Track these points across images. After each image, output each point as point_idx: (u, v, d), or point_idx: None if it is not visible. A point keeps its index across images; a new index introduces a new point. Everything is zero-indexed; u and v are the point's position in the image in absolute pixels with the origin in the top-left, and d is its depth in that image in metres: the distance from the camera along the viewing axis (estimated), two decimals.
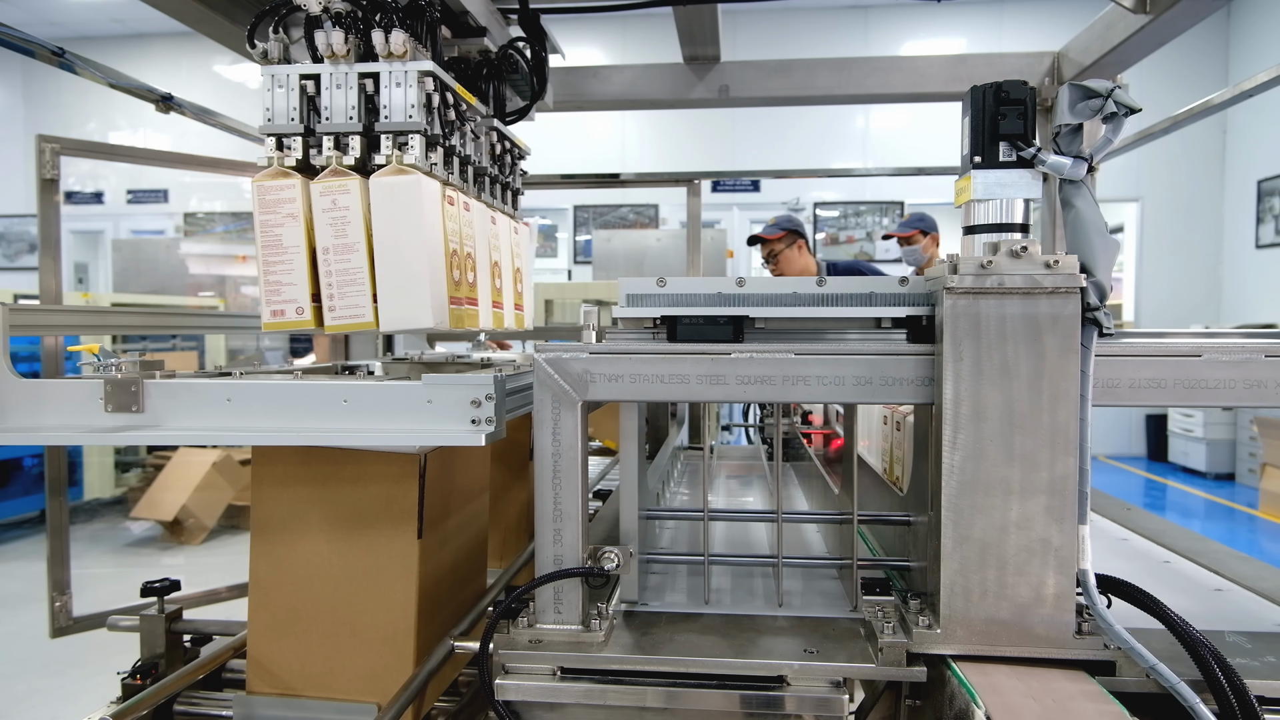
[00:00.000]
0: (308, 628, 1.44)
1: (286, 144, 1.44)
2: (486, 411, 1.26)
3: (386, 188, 1.39)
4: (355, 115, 1.41)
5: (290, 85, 1.41)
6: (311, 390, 1.30)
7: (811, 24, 10.20)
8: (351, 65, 1.41)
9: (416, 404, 1.28)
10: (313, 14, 1.40)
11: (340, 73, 1.40)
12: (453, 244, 1.51)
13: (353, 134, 1.41)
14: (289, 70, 1.41)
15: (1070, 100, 1.21)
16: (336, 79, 1.41)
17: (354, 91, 1.40)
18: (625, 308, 1.29)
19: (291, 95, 1.42)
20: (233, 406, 1.30)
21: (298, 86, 1.42)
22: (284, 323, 1.43)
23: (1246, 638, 1.24)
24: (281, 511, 1.44)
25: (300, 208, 1.41)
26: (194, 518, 6.10)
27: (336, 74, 1.41)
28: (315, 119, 1.43)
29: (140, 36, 11.08)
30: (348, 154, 1.41)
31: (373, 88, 1.41)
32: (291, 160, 1.43)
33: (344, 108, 1.41)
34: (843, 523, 1.45)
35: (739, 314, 1.25)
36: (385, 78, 1.40)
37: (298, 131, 1.42)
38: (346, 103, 1.41)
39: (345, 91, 1.40)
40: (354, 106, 1.41)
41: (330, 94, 1.41)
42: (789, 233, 4.23)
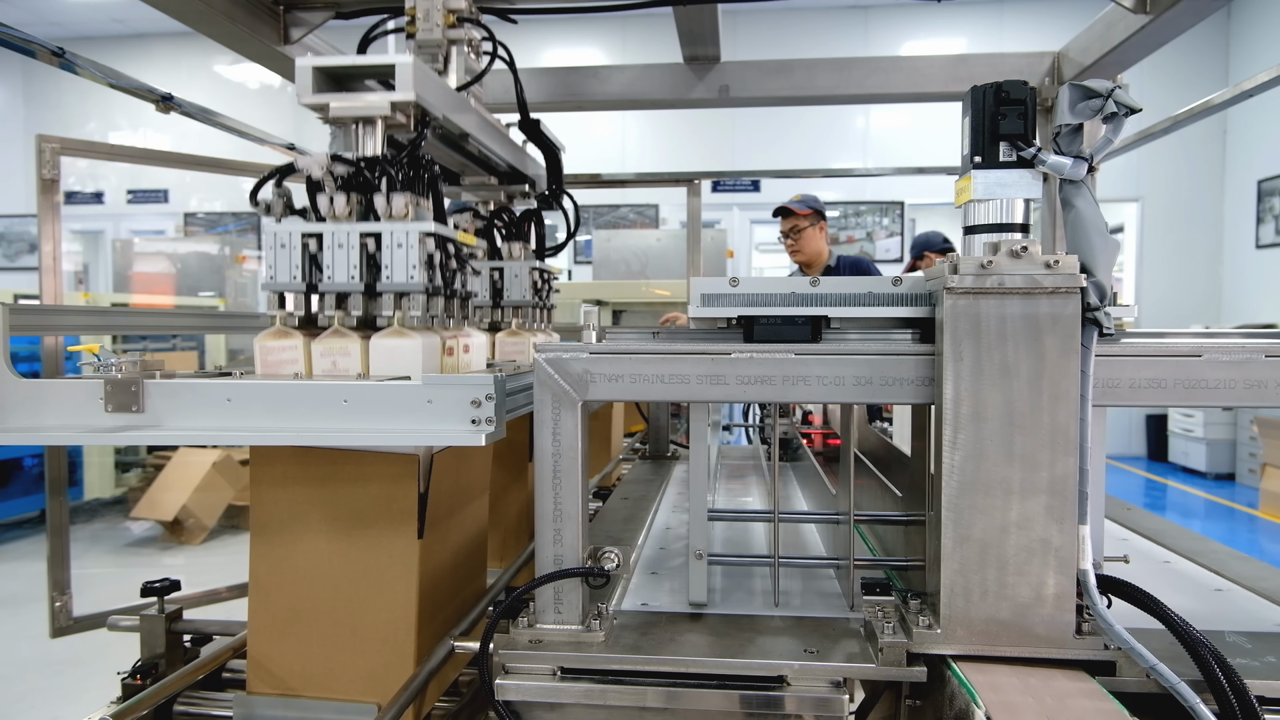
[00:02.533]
0: (308, 628, 1.44)
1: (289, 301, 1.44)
2: (486, 411, 1.26)
3: (387, 351, 1.41)
4: (357, 275, 1.40)
5: (292, 244, 1.41)
6: (311, 390, 1.30)
7: (811, 24, 10.19)
8: (354, 225, 1.40)
9: (417, 404, 1.28)
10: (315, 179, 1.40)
11: (342, 232, 1.40)
12: None
13: (355, 293, 1.41)
14: (290, 229, 1.41)
15: (1070, 100, 1.22)
16: (339, 238, 1.40)
17: (355, 251, 1.40)
18: (700, 308, 1.28)
19: (294, 254, 1.41)
20: (233, 406, 1.30)
21: (300, 245, 1.41)
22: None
23: (1246, 638, 1.24)
24: (281, 512, 1.44)
25: (302, 367, 1.43)
26: (194, 518, 6.10)
27: (339, 233, 1.40)
28: (317, 275, 1.42)
29: (140, 36, 11.08)
30: (350, 314, 1.41)
31: (374, 246, 1.40)
32: (294, 320, 1.43)
33: (345, 267, 1.40)
34: (840, 522, 1.45)
35: (818, 314, 1.25)
36: (387, 238, 1.39)
37: (299, 289, 1.42)
38: (348, 262, 1.40)
39: (347, 251, 1.40)
40: (355, 266, 1.40)
41: (332, 253, 1.40)
42: (814, 212, 4.22)
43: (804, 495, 2.31)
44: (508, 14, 2.47)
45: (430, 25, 1.79)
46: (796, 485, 2.45)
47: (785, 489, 2.43)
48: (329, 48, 2.81)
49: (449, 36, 1.82)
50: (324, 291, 1.41)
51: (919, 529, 1.29)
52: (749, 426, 3.62)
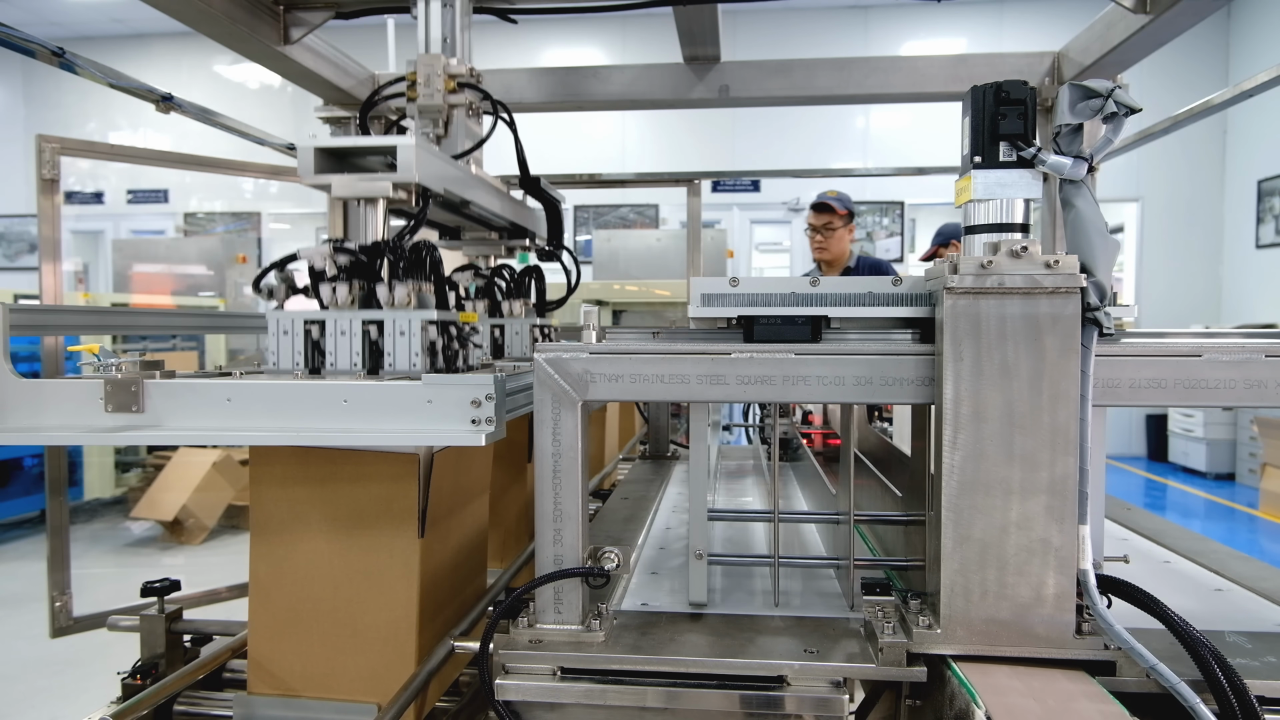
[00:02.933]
0: (308, 628, 1.44)
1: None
2: (487, 411, 1.26)
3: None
4: (360, 361, 1.42)
5: (295, 331, 1.42)
6: (312, 390, 1.30)
7: (811, 24, 10.20)
8: (356, 312, 1.42)
9: (417, 404, 1.28)
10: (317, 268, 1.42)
11: (345, 319, 1.42)
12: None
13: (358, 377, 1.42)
14: (294, 316, 1.43)
15: (1070, 100, 1.21)
16: (341, 325, 1.42)
17: (358, 338, 1.42)
18: (700, 307, 1.28)
19: (296, 340, 1.43)
20: (233, 406, 1.30)
21: (303, 332, 1.43)
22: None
23: (1246, 638, 1.24)
24: (281, 511, 1.44)
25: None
26: (194, 518, 6.10)
27: (341, 320, 1.42)
28: (319, 359, 1.44)
29: (140, 36, 11.08)
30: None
31: (377, 333, 1.42)
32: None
33: (349, 353, 1.42)
34: (840, 522, 1.45)
35: (818, 314, 1.25)
36: (389, 325, 1.41)
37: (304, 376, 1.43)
38: (351, 349, 1.42)
39: (350, 339, 1.42)
40: (358, 353, 1.42)
41: (335, 340, 1.42)
42: (849, 212, 4.22)
43: (804, 495, 2.31)
44: (508, 14, 2.47)
45: (431, 91, 1.82)
46: (796, 485, 2.45)
47: (785, 489, 2.43)
48: (329, 48, 2.81)
49: (450, 101, 1.84)
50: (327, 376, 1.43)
51: (919, 529, 1.29)
52: (749, 426, 3.62)
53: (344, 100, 3.10)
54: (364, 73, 3.12)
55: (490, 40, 10.46)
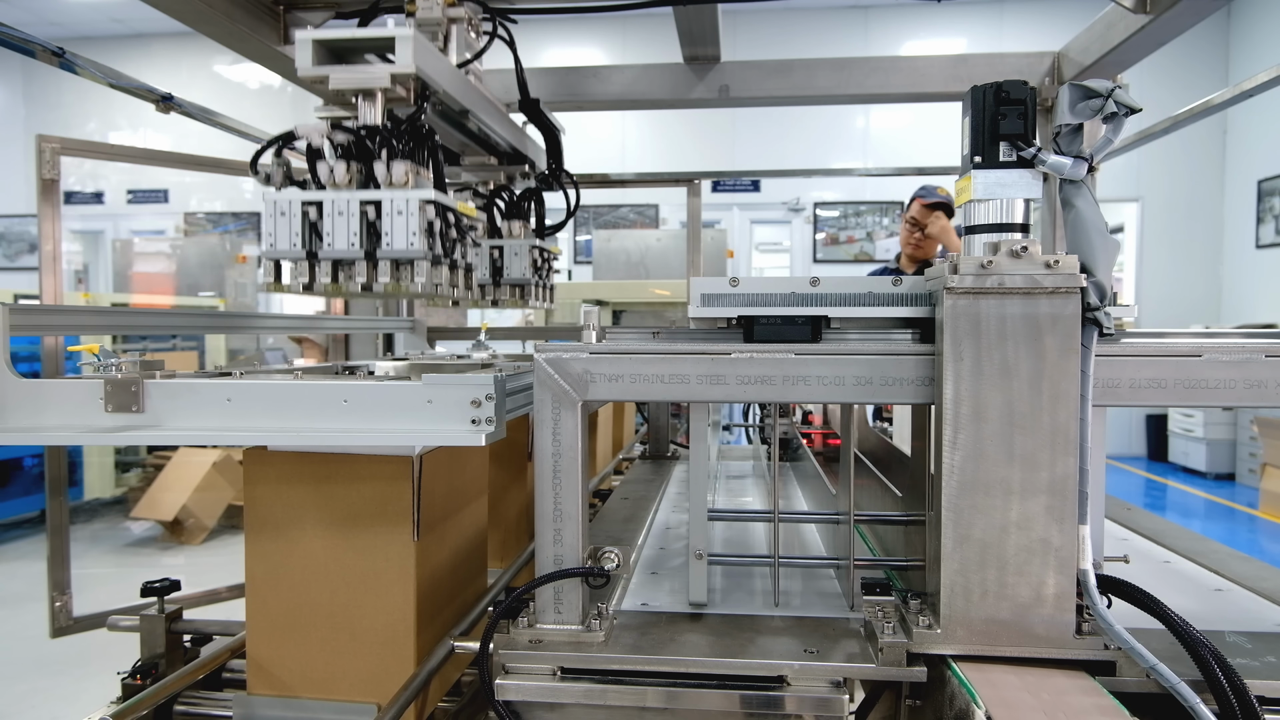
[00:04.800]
0: (306, 630, 1.44)
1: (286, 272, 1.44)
2: (487, 411, 1.26)
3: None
4: (358, 242, 1.40)
5: (292, 212, 1.40)
6: (311, 390, 1.30)
7: (811, 24, 10.20)
8: (353, 193, 1.40)
9: (417, 404, 1.28)
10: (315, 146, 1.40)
11: (342, 199, 1.39)
12: None
13: (356, 260, 1.40)
14: (290, 197, 1.40)
15: (1070, 100, 1.21)
16: (339, 206, 1.39)
17: (355, 219, 1.39)
18: (700, 307, 1.28)
19: (293, 221, 1.41)
20: (233, 406, 1.30)
21: (300, 213, 1.40)
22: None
23: (1246, 638, 1.24)
24: (276, 513, 1.44)
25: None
26: (194, 518, 6.10)
27: (338, 201, 1.39)
28: (317, 243, 1.42)
29: (140, 36, 11.09)
30: (351, 281, 1.41)
31: (374, 214, 1.40)
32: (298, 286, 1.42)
33: (346, 235, 1.40)
34: (840, 522, 1.45)
35: (818, 314, 1.25)
36: (387, 205, 1.39)
37: (300, 256, 1.41)
38: (348, 229, 1.40)
39: (347, 219, 1.39)
40: (356, 234, 1.40)
41: (332, 220, 1.40)
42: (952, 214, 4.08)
43: (804, 495, 2.30)
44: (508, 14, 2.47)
45: (430, 4, 1.78)
46: (796, 485, 2.45)
47: (785, 489, 2.43)
48: None
49: (449, 15, 1.80)
50: (323, 259, 1.41)
51: (919, 529, 1.29)
52: (749, 426, 3.62)
53: (344, 100, 3.09)
54: None
55: None
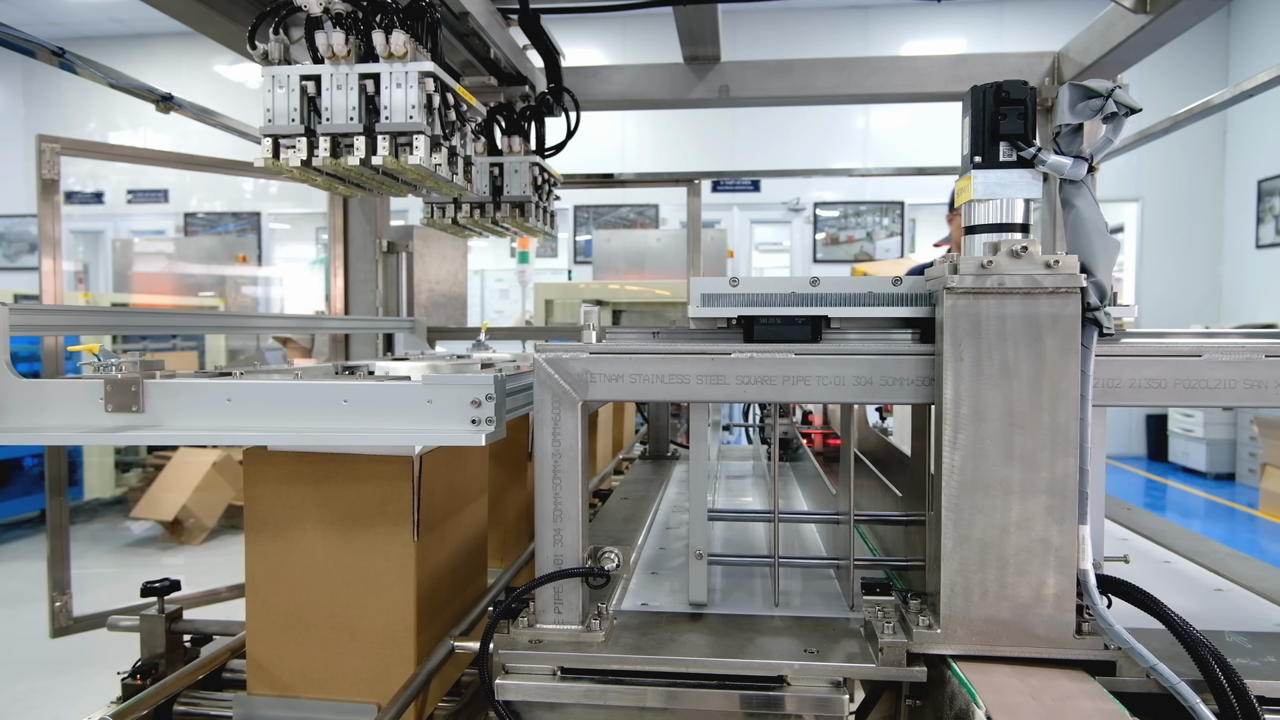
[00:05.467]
0: (306, 630, 1.44)
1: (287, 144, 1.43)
2: (487, 411, 1.26)
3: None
4: (356, 116, 1.40)
5: (291, 86, 1.40)
6: (311, 390, 1.30)
7: (811, 24, 10.20)
8: (352, 66, 1.40)
9: (417, 404, 1.28)
10: (313, 15, 1.40)
11: (341, 73, 1.39)
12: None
13: (354, 135, 1.40)
14: (289, 71, 1.40)
15: (1070, 100, 1.21)
16: (337, 80, 1.39)
17: (354, 92, 1.39)
18: (700, 307, 1.28)
19: (292, 96, 1.41)
20: (233, 406, 1.30)
21: (298, 87, 1.41)
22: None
23: (1246, 638, 1.24)
24: (276, 513, 1.44)
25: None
26: (194, 518, 6.10)
27: (337, 75, 1.39)
28: (316, 120, 1.42)
29: (140, 36, 11.08)
30: (351, 155, 1.40)
31: (373, 88, 1.40)
32: (296, 161, 1.42)
33: (344, 109, 1.40)
34: (840, 522, 1.45)
35: (818, 314, 1.25)
36: (386, 78, 1.39)
37: (298, 132, 1.41)
38: (347, 104, 1.40)
39: (346, 92, 1.39)
40: (354, 108, 1.40)
41: (331, 95, 1.40)
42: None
43: (804, 495, 2.30)
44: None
45: None
46: (796, 485, 2.45)
47: (785, 489, 2.43)
48: None
49: None
50: (322, 134, 1.40)
51: (919, 529, 1.29)
52: (749, 426, 3.62)
53: None
54: None
55: None
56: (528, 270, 7.99)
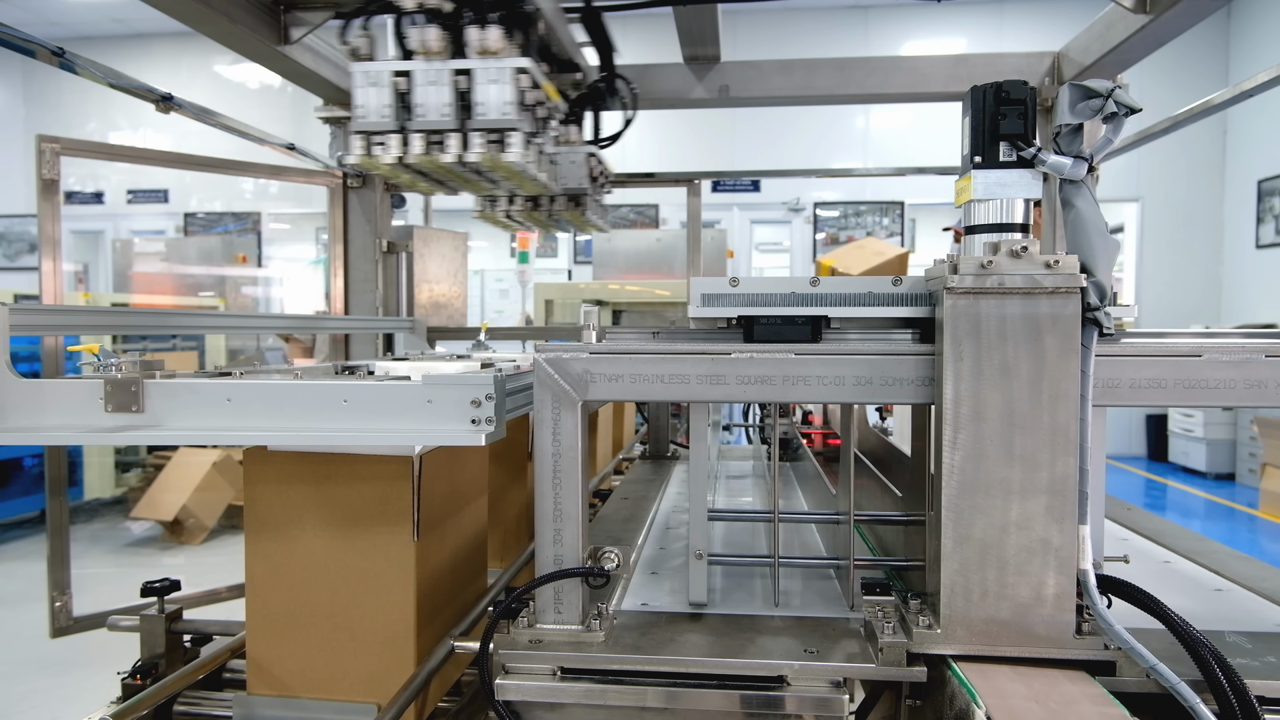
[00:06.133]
0: (306, 630, 1.44)
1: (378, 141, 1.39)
2: (486, 411, 1.26)
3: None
4: (450, 113, 1.36)
5: (382, 82, 1.36)
6: (311, 390, 1.30)
7: (811, 24, 10.19)
8: (445, 62, 1.36)
9: (417, 404, 1.28)
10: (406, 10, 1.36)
11: (434, 69, 1.36)
12: None
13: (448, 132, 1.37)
14: (381, 67, 1.36)
15: (1070, 100, 1.21)
16: (430, 76, 1.36)
17: (447, 89, 1.36)
18: (700, 307, 1.28)
19: (383, 92, 1.37)
20: (233, 406, 1.30)
21: (390, 83, 1.37)
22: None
23: (1246, 638, 1.24)
24: (276, 514, 1.44)
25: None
26: (194, 518, 6.10)
27: (430, 70, 1.36)
28: (406, 116, 1.38)
29: (140, 36, 11.08)
30: (444, 152, 1.37)
31: (466, 84, 1.36)
32: (389, 158, 1.39)
33: (437, 105, 1.37)
34: (840, 522, 1.45)
35: (818, 314, 1.25)
36: (480, 74, 1.35)
37: (391, 129, 1.38)
38: (440, 100, 1.36)
39: (438, 88, 1.36)
40: (448, 104, 1.36)
41: (424, 91, 1.36)
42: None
43: (804, 495, 2.30)
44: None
45: None
46: (796, 485, 2.45)
47: (785, 489, 2.43)
48: (329, 48, 2.81)
49: None
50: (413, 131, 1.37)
51: (919, 529, 1.29)
52: (749, 426, 3.62)
53: (344, 100, 3.09)
54: None
55: None
56: (528, 270, 7.99)
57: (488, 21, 1.37)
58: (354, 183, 3.26)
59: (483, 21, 1.36)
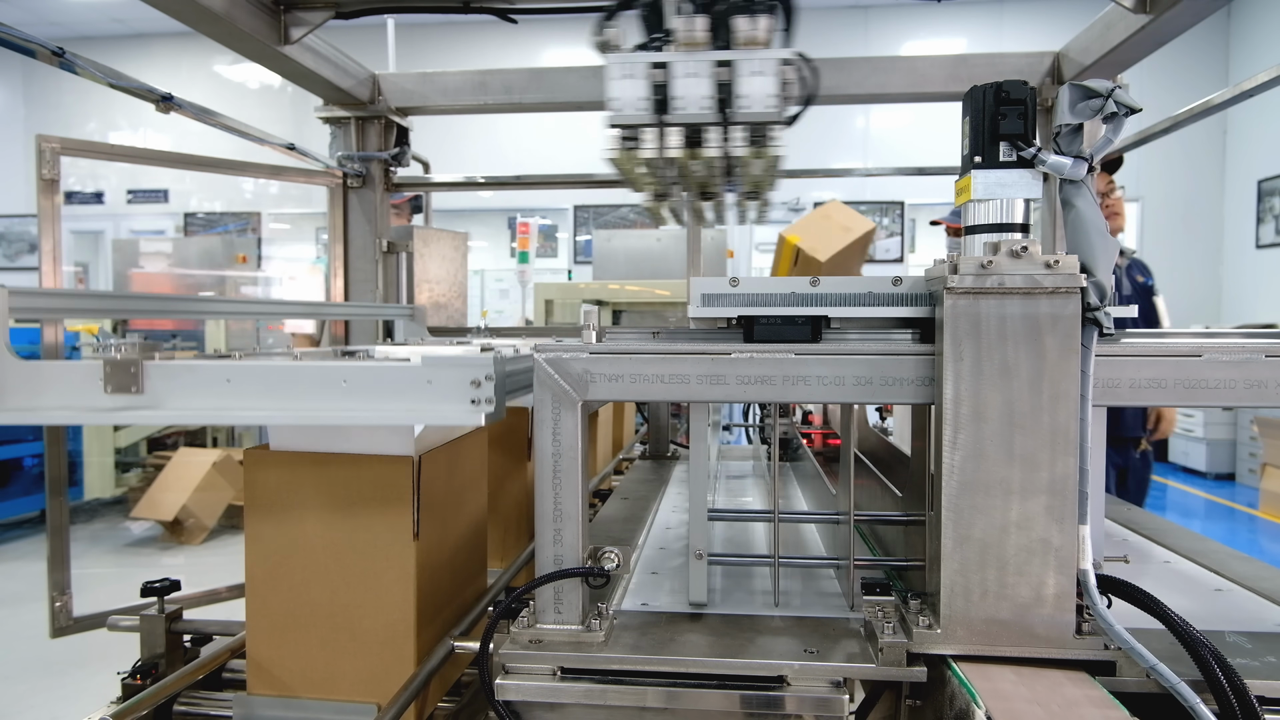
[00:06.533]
0: (306, 631, 1.43)
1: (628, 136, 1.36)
2: (486, 392, 1.24)
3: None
4: (709, 105, 1.32)
5: (638, 74, 1.32)
6: (311, 371, 1.28)
7: (811, 24, 10.13)
8: (706, 52, 1.32)
9: (417, 384, 1.26)
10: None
11: (695, 60, 1.31)
12: None
13: (708, 125, 1.33)
14: (638, 58, 1.32)
15: (1070, 100, 1.21)
16: (690, 67, 1.32)
17: (708, 80, 1.31)
18: (700, 307, 1.28)
19: (639, 85, 1.32)
20: (232, 387, 1.28)
21: (646, 75, 1.32)
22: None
23: (1246, 638, 1.24)
24: (276, 513, 1.44)
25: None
26: (194, 518, 6.10)
27: (691, 61, 1.31)
28: (663, 107, 1.34)
29: (140, 36, 11.09)
30: (705, 147, 1.33)
31: (728, 74, 1.31)
32: (648, 153, 1.36)
33: (697, 98, 1.32)
34: (840, 522, 1.45)
35: (818, 314, 1.25)
36: (744, 65, 1.31)
37: (649, 123, 1.34)
38: (699, 92, 1.32)
39: (698, 80, 1.31)
40: (707, 96, 1.32)
41: (683, 83, 1.32)
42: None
43: (804, 495, 2.30)
44: (508, 14, 2.47)
45: None
46: (796, 485, 2.45)
47: (785, 489, 2.43)
48: (329, 48, 2.81)
49: None
50: (671, 124, 1.33)
51: (919, 529, 1.29)
52: (749, 426, 3.62)
53: (344, 100, 3.10)
54: (364, 73, 3.12)
55: (490, 40, 10.46)
56: (528, 270, 7.99)
57: (757, 10, 1.31)
58: (354, 183, 3.26)
59: (751, 10, 1.31)
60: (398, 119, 3.24)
